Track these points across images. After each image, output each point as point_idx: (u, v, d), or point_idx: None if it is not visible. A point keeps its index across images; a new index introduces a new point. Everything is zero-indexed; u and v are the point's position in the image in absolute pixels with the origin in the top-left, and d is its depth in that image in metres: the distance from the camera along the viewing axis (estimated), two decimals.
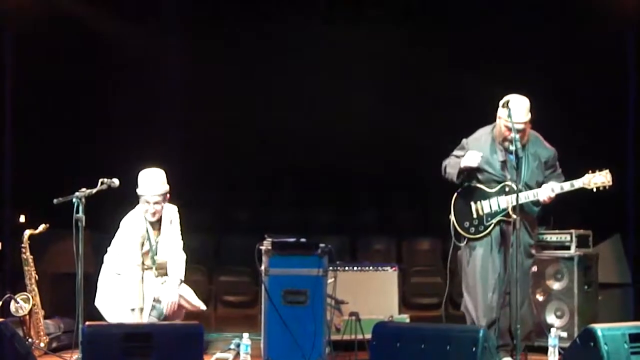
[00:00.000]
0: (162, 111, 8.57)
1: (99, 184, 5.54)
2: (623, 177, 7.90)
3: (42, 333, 6.03)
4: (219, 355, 5.95)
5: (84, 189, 5.42)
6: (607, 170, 5.44)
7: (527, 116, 5.50)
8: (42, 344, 5.99)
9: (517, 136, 5.30)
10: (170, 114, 8.66)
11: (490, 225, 5.60)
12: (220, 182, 9.29)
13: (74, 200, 5.34)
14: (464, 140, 5.80)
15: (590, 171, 5.47)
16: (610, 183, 5.42)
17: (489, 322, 5.51)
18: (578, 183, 5.48)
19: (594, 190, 5.44)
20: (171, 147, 8.42)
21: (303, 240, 5.76)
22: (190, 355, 4.74)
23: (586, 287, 6.38)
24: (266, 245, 5.67)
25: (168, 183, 6.00)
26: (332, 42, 8.81)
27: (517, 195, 5.28)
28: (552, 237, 6.50)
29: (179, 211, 6.18)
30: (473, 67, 8.44)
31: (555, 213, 6.37)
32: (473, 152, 5.59)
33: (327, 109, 8.83)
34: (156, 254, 6.02)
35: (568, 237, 6.43)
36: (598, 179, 5.43)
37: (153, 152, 6.37)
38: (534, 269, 6.33)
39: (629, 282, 7.55)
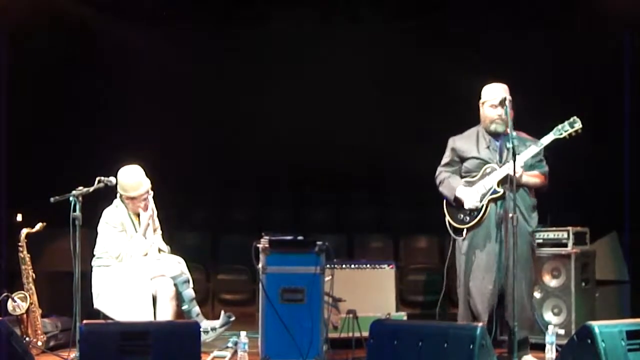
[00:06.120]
0: (160, 110, 8.57)
1: (96, 182, 5.55)
2: (620, 174, 7.92)
3: (39, 332, 6.02)
4: (216, 353, 5.95)
5: (80, 188, 5.43)
6: (575, 117, 5.42)
7: (504, 93, 5.57)
8: (39, 343, 5.98)
9: (504, 109, 5.41)
10: (168, 113, 8.66)
11: (482, 207, 5.57)
12: (218, 181, 9.30)
13: (70, 198, 5.35)
14: (450, 139, 5.83)
15: (560, 125, 5.45)
16: (581, 125, 5.39)
17: (490, 314, 5.48)
18: (549, 138, 5.46)
19: (567, 138, 5.42)
20: (169, 146, 8.43)
21: (300, 238, 5.76)
22: (188, 354, 4.74)
23: (583, 284, 6.38)
24: (263, 243, 5.67)
25: (149, 177, 6.06)
26: (330, 42, 8.82)
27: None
28: (549, 234, 6.49)
29: (176, 211, 6.19)
30: (472, 67, 8.44)
31: (553, 210, 6.37)
32: (472, 195, 5.56)
33: (324, 108, 8.83)
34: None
35: (565, 235, 6.42)
36: (568, 127, 5.41)
37: (151, 151, 6.36)
38: None
39: (626, 279, 7.54)
